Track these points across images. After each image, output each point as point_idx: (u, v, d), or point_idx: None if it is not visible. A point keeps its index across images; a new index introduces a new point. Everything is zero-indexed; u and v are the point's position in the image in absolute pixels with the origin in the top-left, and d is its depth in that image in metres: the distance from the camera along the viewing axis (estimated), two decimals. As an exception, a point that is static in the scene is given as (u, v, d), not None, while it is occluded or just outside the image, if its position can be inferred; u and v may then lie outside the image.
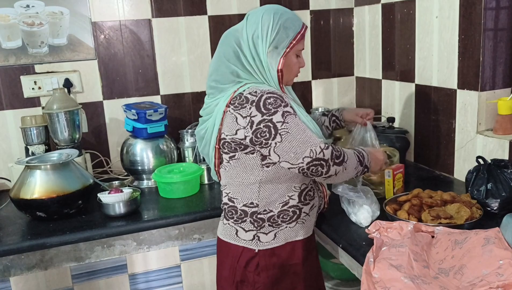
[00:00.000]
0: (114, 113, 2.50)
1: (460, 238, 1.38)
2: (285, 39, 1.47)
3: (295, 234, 1.58)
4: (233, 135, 1.45)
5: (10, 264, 1.76)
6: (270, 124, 1.39)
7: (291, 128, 1.40)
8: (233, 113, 1.44)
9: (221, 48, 1.52)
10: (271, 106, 1.39)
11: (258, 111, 1.39)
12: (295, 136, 1.40)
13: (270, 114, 1.39)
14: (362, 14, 2.70)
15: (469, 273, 1.24)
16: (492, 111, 1.96)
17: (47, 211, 1.88)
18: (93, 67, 2.43)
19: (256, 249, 1.55)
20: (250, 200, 1.53)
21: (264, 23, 1.46)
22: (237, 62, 1.48)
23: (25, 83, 2.33)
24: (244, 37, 1.48)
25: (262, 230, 1.54)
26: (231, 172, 1.53)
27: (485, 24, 1.87)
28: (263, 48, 1.46)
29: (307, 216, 1.60)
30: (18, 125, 2.32)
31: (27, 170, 1.90)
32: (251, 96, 1.41)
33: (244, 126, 1.42)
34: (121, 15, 2.43)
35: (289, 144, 1.40)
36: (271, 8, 1.50)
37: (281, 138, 1.40)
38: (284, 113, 1.40)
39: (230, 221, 1.59)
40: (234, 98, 1.44)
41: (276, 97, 1.41)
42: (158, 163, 2.24)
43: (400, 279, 1.24)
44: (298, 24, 1.50)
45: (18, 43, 2.30)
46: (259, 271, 1.55)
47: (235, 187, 1.55)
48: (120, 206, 1.89)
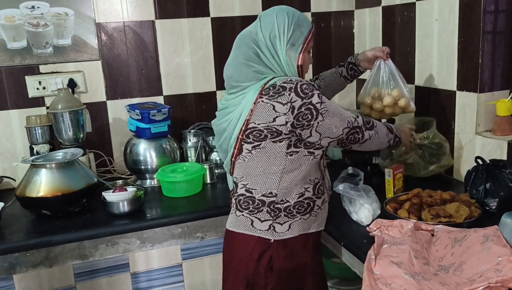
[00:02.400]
0: (117, 113, 2.53)
1: (459, 236, 1.41)
2: (301, 37, 1.56)
3: (308, 226, 1.62)
4: (270, 123, 1.48)
5: (15, 261, 1.78)
6: (311, 106, 1.48)
7: (328, 106, 1.51)
8: (269, 102, 1.48)
9: (238, 51, 1.57)
10: (308, 90, 1.48)
11: (297, 96, 1.47)
12: (334, 112, 1.53)
13: (308, 97, 1.48)
14: (363, 16, 2.73)
15: (469, 269, 1.27)
16: (490, 113, 1.99)
17: (52, 209, 1.90)
18: (97, 67, 2.46)
19: (271, 238, 1.56)
20: (270, 190, 1.56)
21: (280, 23, 1.54)
22: (259, 61, 1.54)
23: (29, 83, 2.36)
24: (260, 37, 1.55)
25: (278, 220, 1.57)
26: (252, 162, 1.56)
27: (484, 27, 1.90)
28: (281, 46, 1.54)
29: (319, 209, 1.64)
30: (22, 124, 2.35)
31: (33, 169, 1.92)
32: (288, 84, 1.48)
33: (285, 112, 1.47)
34: (125, 17, 2.46)
35: (330, 120, 1.52)
36: (283, 8, 1.59)
37: (323, 117, 1.50)
38: (319, 94, 1.50)
39: (245, 212, 1.60)
40: (267, 89, 1.49)
41: (308, 83, 1.51)
42: (161, 163, 2.26)
43: (401, 276, 1.27)
44: (308, 23, 1.61)
45: (23, 44, 2.33)
46: (271, 265, 1.57)
47: (255, 177, 1.57)
48: (124, 205, 1.91)
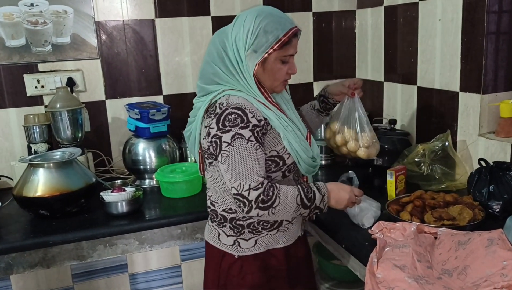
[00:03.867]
0: (116, 113, 2.51)
1: (463, 239, 1.39)
2: (264, 44, 1.40)
3: (276, 242, 1.56)
4: (203, 141, 1.48)
5: (12, 262, 1.76)
6: (218, 141, 1.38)
7: (233, 153, 1.36)
8: (204, 120, 1.46)
9: (208, 50, 1.50)
10: (228, 123, 1.37)
11: (216, 125, 1.39)
12: (232, 163, 1.36)
13: (223, 131, 1.37)
14: (365, 16, 2.71)
15: (473, 273, 1.25)
16: (494, 114, 1.97)
17: (50, 209, 1.88)
18: (96, 66, 2.44)
19: (236, 254, 1.53)
20: (229, 205, 1.51)
21: (245, 25, 1.41)
22: (220, 63, 1.45)
23: (28, 82, 2.33)
24: (229, 38, 1.44)
25: (242, 236, 1.52)
26: (212, 177, 1.54)
27: (488, 27, 1.88)
28: (243, 51, 1.42)
29: (289, 224, 1.57)
30: (20, 123, 2.32)
31: (31, 168, 1.90)
32: (219, 107, 1.40)
33: (204, 136, 1.45)
34: (124, 15, 2.44)
35: (225, 167, 1.38)
36: (257, 10, 1.45)
37: (221, 159, 1.38)
38: (236, 135, 1.36)
39: (214, 224, 1.59)
40: (210, 105, 1.45)
41: (238, 114, 1.37)
42: (160, 163, 2.24)
43: (404, 279, 1.25)
44: (282, 28, 1.41)
45: (21, 42, 2.30)
46: (243, 275, 1.54)
47: (215, 192, 1.55)
48: (123, 205, 1.89)
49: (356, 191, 1.54)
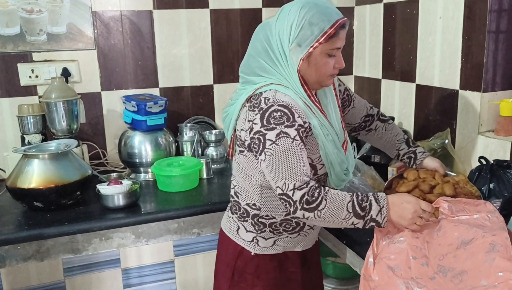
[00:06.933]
0: (112, 105, 2.47)
1: (466, 237, 1.35)
2: (309, 37, 1.32)
3: (294, 245, 1.54)
4: (241, 132, 1.42)
5: (5, 254, 1.72)
6: (262, 138, 1.31)
7: (277, 151, 1.28)
8: (247, 112, 1.39)
9: (251, 42, 1.45)
10: (273, 120, 1.30)
11: (260, 120, 1.32)
12: (276, 162, 1.28)
13: (267, 128, 1.30)
14: (363, 13, 2.70)
15: (468, 281, 1.21)
16: (494, 113, 1.97)
17: (45, 201, 1.84)
18: (92, 57, 2.40)
19: (253, 252, 1.51)
20: (253, 201, 1.47)
21: (289, 18, 1.34)
22: (265, 56, 1.39)
23: (22, 71, 2.29)
24: (272, 32, 1.38)
25: (262, 234, 1.50)
26: (239, 165, 1.50)
27: (489, 25, 1.88)
28: (287, 45, 1.35)
29: (310, 230, 1.54)
30: (13, 113, 2.28)
31: (25, 159, 1.85)
32: (264, 102, 1.33)
33: (246, 129, 1.38)
34: (122, 5, 2.39)
35: (269, 166, 1.30)
36: (302, 1, 1.36)
37: (265, 157, 1.31)
38: (281, 133, 1.29)
39: (234, 216, 1.55)
40: (254, 96, 1.38)
41: (284, 112, 1.30)
42: (156, 156, 2.21)
43: (396, 284, 1.23)
44: (328, 20, 1.32)
45: (16, 30, 2.25)
46: (258, 274, 1.52)
47: (241, 182, 1.51)
48: (119, 198, 1.86)
49: (423, 204, 1.34)
